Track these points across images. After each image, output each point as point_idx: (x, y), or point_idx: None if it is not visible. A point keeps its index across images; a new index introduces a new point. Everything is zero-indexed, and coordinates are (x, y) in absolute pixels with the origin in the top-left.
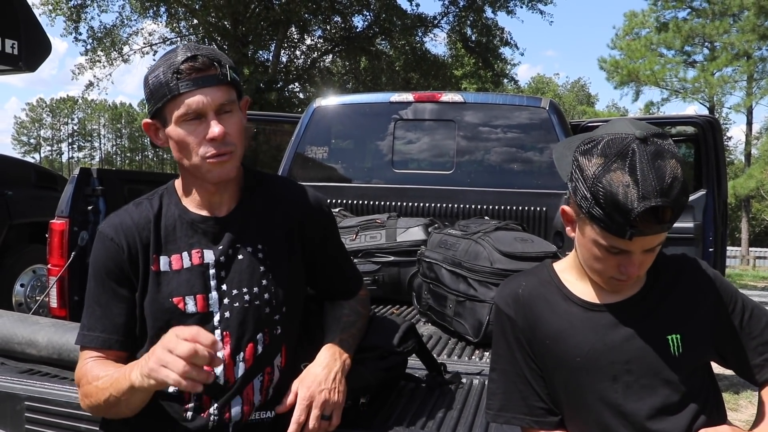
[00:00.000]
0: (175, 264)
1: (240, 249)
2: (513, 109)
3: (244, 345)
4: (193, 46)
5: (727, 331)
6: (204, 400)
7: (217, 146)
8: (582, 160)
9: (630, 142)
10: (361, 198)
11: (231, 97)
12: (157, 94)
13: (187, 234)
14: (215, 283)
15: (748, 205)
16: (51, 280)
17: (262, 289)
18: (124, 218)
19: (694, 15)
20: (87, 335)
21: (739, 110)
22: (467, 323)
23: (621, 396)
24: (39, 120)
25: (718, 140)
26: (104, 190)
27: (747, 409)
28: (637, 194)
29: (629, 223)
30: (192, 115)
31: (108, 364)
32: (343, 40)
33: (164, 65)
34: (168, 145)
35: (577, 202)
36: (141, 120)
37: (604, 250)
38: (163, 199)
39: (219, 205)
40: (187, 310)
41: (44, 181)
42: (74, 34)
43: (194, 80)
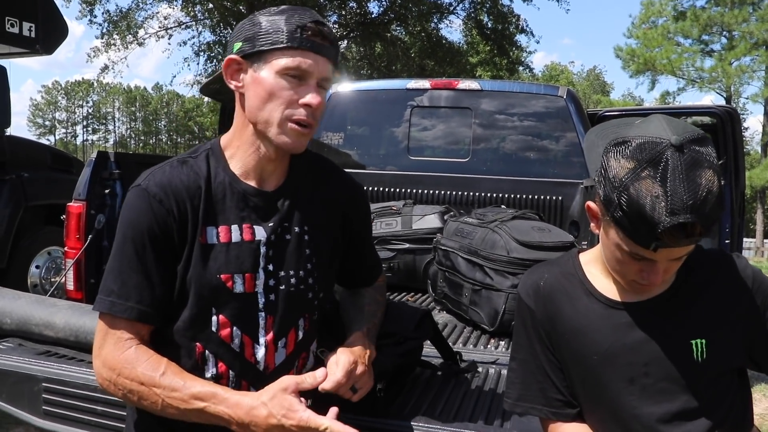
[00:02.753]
0: (224, 236)
1: (289, 229)
2: (530, 98)
3: (287, 330)
4: (314, 13)
5: (764, 335)
6: (243, 385)
7: (307, 115)
8: (611, 161)
9: (664, 149)
10: (376, 185)
11: (331, 76)
12: (268, 36)
13: (237, 206)
14: (264, 262)
15: (763, 197)
16: (68, 263)
17: (306, 273)
18: (173, 178)
19: (712, 3)
20: (120, 304)
21: (757, 100)
22: (483, 312)
23: (637, 398)
24: (54, 102)
25: (737, 131)
26: (121, 174)
27: (761, 402)
28: (666, 208)
29: (655, 236)
30: (297, 72)
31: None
32: (359, 26)
33: (286, 15)
34: (243, 89)
35: (603, 202)
36: (155, 103)
37: (627, 255)
38: (210, 161)
39: (270, 175)
40: (235, 289)
41: (59, 164)
42: (89, 17)
43: (316, 44)
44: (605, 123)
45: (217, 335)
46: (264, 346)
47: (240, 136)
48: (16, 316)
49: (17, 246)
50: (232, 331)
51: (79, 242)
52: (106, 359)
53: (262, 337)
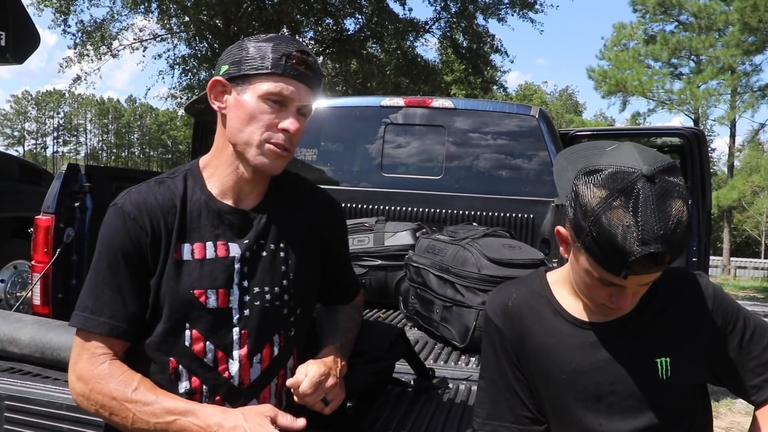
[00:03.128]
0: (198, 253)
1: (264, 246)
2: (503, 117)
3: (262, 346)
4: (300, 42)
5: (724, 352)
6: (216, 401)
7: (285, 139)
8: (582, 189)
9: (636, 179)
10: (349, 201)
11: (312, 105)
12: (253, 61)
13: (213, 223)
14: (238, 278)
15: (730, 216)
16: (35, 277)
17: (282, 290)
18: (148, 197)
19: (681, 28)
20: (92, 319)
21: (723, 123)
22: (454, 328)
23: (604, 416)
24: (24, 113)
25: (704, 152)
26: (92, 187)
27: (726, 416)
28: (637, 238)
29: (625, 264)
30: (279, 98)
31: (132, 373)
32: (335, 43)
33: (273, 43)
34: (225, 110)
35: (573, 229)
36: (128, 116)
37: (597, 280)
38: (188, 181)
39: (247, 195)
40: (208, 304)
41: (28, 176)
42: (63, 26)
43: (299, 72)
44: (574, 147)
45: (189, 350)
46: (238, 361)
47: (219, 156)
48: None
49: None
50: (205, 345)
51: (47, 256)
52: (80, 373)
53: (236, 351)
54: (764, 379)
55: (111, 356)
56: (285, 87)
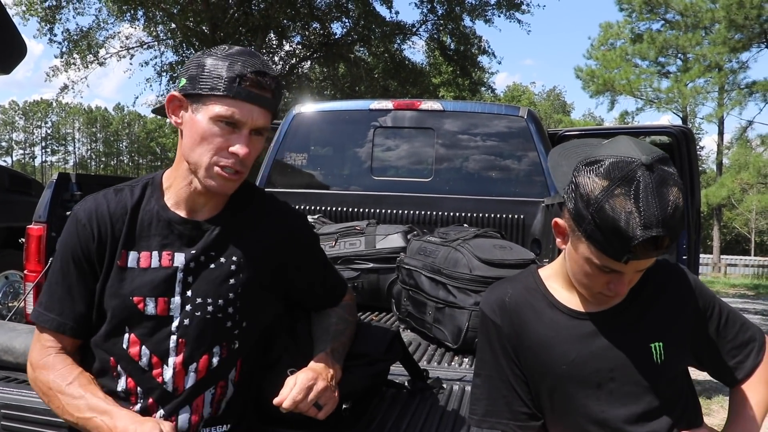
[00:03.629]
0: (143, 262)
1: (212, 258)
2: (491, 118)
3: (199, 356)
4: (262, 60)
5: (705, 336)
6: (149, 403)
7: (234, 163)
8: (583, 180)
9: (636, 168)
10: (340, 205)
11: (268, 124)
12: (207, 80)
13: (161, 233)
14: (180, 288)
15: (719, 214)
16: (28, 286)
17: (227, 302)
18: (101, 204)
19: (667, 27)
20: (43, 314)
21: (711, 120)
22: (446, 330)
23: (605, 403)
24: (11, 123)
25: (692, 150)
26: (83, 195)
27: (719, 413)
28: (640, 223)
29: (628, 249)
30: (231, 120)
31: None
32: (322, 47)
33: (229, 61)
34: (182, 126)
35: (573, 218)
36: (116, 124)
37: (596, 268)
38: (146, 190)
39: (202, 207)
40: (147, 311)
41: (18, 186)
42: (49, 35)
43: (252, 94)
44: (566, 143)
45: (126, 352)
46: (172, 368)
47: (177, 168)
48: None
49: None
50: (140, 349)
51: (40, 265)
52: (31, 360)
53: (171, 358)
54: (738, 360)
55: (57, 350)
56: (236, 111)
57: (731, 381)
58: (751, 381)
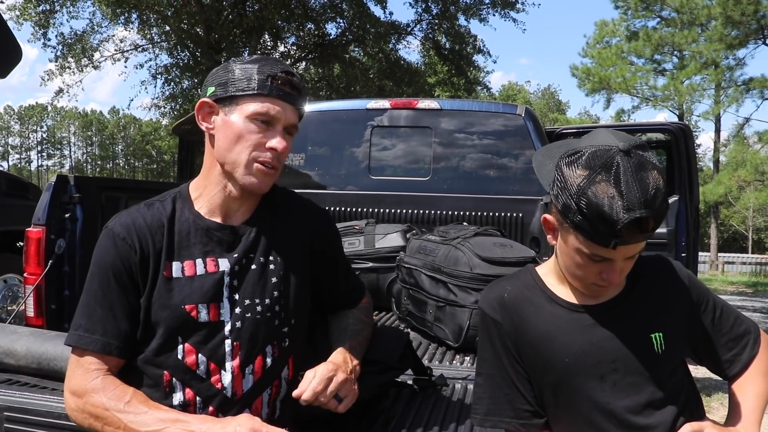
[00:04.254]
0: (189, 270)
1: (253, 259)
2: (489, 116)
3: (254, 357)
4: (285, 63)
5: (700, 329)
6: (210, 411)
7: (272, 158)
8: (566, 171)
9: (614, 155)
10: (338, 205)
11: (297, 124)
12: (240, 83)
13: (201, 241)
14: (228, 292)
15: (716, 212)
16: (28, 289)
17: (273, 301)
18: (137, 218)
19: (663, 24)
20: (85, 337)
21: (708, 118)
22: (447, 328)
23: (608, 394)
24: (6, 128)
25: (690, 147)
26: (82, 198)
27: (719, 410)
28: (623, 206)
29: (614, 233)
30: (266, 117)
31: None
32: (317, 48)
33: (259, 64)
34: (213, 131)
35: (560, 211)
36: (112, 127)
37: (587, 257)
38: (176, 203)
39: (235, 212)
40: (200, 318)
41: (15, 189)
42: (42, 40)
43: (284, 92)
44: (549, 145)
45: (183, 362)
46: (230, 373)
47: (208, 176)
48: None
49: None
50: (197, 358)
51: (39, 268)
52: (74, 388)
53: (228, 363)
54: (735, 353)
55: (104, 371)
56: (271, 107)
57: (728, 374)
58: (748, 373)
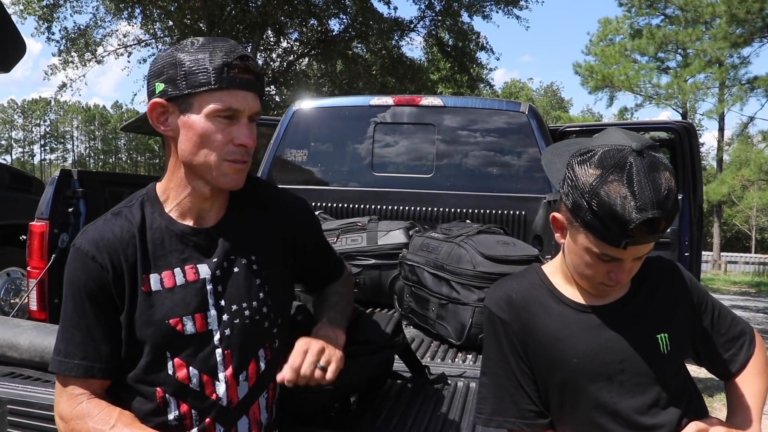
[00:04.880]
0: (168, 281)
1: (235, 261)
2: (492, 113)
3: (247, 363)
4: (236, 44)
5: (700, 330)
6: (207, 423)
7: (242, 153)
8: (578, 170)
9: (627, 155)
10: (340, 201)
11: (260, 108)
12: (192, 78)
13: (177, 248)
14: (213, 299)
15: (720, 211)
16: (31, 283)
17: (260, 303)
18: (105, 233)
19: (667, 22)
20: (66, 362)
21: (712, 116)
22: (450, 326)
23: (615, 395)
24: (10, 121)
25: (694, 146)
26: (85, 192)
27: (721, 411)
28: (635, 206)
29: (626, 233)
30: (229, 113)
31: (111, 410)
32: (320, 44)
33: (209, 52)
34: (172, 133)
35: (571, 210)
36: (114, 122)
37: (596, 257)
38: (145, 208)
39: (208, 212)
40: (186, 331)
41: (18, 183)
42: (47, 34)
43: (243, 80)
44: (557, 143)
45: (174, 378)
46: (224, 382)
47: (172, 178)
48: None
49: None
50: (188, 371)
51: (43, 261)
52: (61, 414)
53: (221, 373)
54: (732, 353)
55: (88, 396)
56: (233, 100)
57: (726, 374)
58: (745, 373)
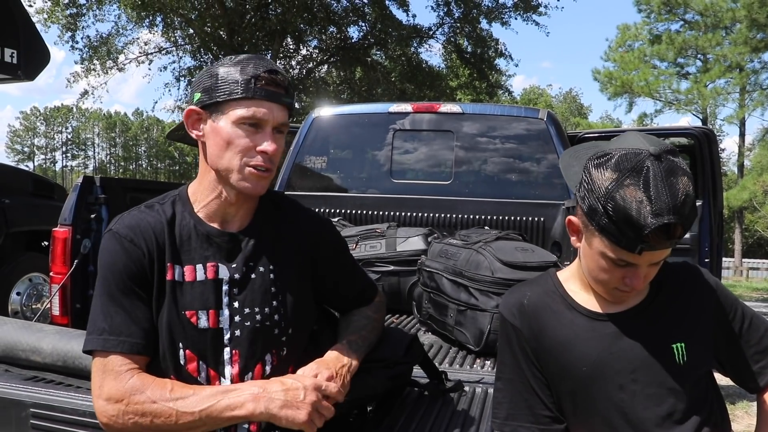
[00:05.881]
0: (189, 275)
1: (253, 268)
2: (511, 120)
3: (253, 365)
4: (269, 60)
5: (726, 338)
6: None
7: (265, 160)
8: (594, 173)
9: (644, 158)
10: (359, 208)
11: (287, 121)
12: (224, 87)
13: (202, 246)
14: (228, 299)
15: (741, 217)
16: (53, 288)
17: (272, 310)
18: (140, 221)
19: (686, 27)
20: (110, 339)
21: (732, 122)
22: (468, 332)
23: (628, 405)
24: (33, 128)
25: (714, 152)
26: (107, 199)
27: (743, 419)
28: (651, 211)
29: (641, 238)
30: (253, 121)
31: (161, 380)
32: (339, 51)
33: (241, 66)
34: (204, 138)
35: (586, 213)
36: (135, 129)
37: (611, 262)
38: (176, 206)
39: (232, 218)
40: (200, 324)
41: (41, 190)
42: (71, 42)
43: (269, 92)
44: (576, 147)
45: (185, 369)
46: (230, 380)
47: (202, 182)
48: (3, 342)
49: None
50: (198, 365)
51: (65, 267)
52: (111, 394)
53: (227, 371)
54: (762, 365)
55: (137, 370)
56: (257, 110)
57: (754, 387)
58: None
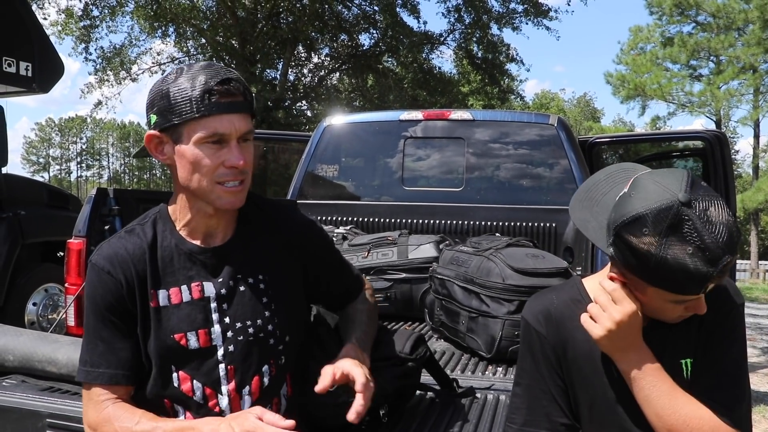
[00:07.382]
0: (175, 298)
1: (241, 281)
2: (522, 126)
3: (250, 378)
4: (219, 67)
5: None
6: None
7: (235, 174)
8: (634, 242)
9: (678, 211)
10: (371, 215)
11: (252, 127)
12: (177, 108)
13: (185, 266)
14: (217, 316)
15: (757, 219)
16: (68, 299)
17: (265, 321)
18: (118, 249)
19: (699, 29)
20: (91, 371)
21: (746, 123)
22: (480, 339)
23: (641, 417)
24: (48, 139)
25: (726, 155)
26: (120, 210)
27: (761, 423)
28: (707, 260)
29: (704, 286)
30: (215, 138)
31: (134, 410)
32: (350, 58)
33: (190, 81)
34: (170, 161)
35: (636, 275)
36: None
37: (672, 303)
38: (157, 226)
39: (215, 231)
40: (190, 346)
41: (56, 201)
42: (84, 54)
43: (225, 104)
44: (577, 195)
45: (179, 390)
46: (227, 396)
47: (178, 201)
48: (19, 353)
49: (14, 284)
50: (192, 384)
51: (80, 278)
52: (89, 422)
53: (224, 387)
54: None
55: (114, 399)
56: (217, 125)
57: None
58: None
